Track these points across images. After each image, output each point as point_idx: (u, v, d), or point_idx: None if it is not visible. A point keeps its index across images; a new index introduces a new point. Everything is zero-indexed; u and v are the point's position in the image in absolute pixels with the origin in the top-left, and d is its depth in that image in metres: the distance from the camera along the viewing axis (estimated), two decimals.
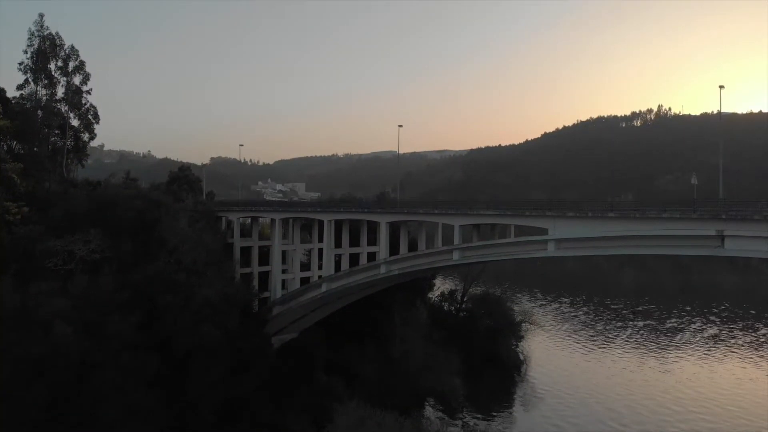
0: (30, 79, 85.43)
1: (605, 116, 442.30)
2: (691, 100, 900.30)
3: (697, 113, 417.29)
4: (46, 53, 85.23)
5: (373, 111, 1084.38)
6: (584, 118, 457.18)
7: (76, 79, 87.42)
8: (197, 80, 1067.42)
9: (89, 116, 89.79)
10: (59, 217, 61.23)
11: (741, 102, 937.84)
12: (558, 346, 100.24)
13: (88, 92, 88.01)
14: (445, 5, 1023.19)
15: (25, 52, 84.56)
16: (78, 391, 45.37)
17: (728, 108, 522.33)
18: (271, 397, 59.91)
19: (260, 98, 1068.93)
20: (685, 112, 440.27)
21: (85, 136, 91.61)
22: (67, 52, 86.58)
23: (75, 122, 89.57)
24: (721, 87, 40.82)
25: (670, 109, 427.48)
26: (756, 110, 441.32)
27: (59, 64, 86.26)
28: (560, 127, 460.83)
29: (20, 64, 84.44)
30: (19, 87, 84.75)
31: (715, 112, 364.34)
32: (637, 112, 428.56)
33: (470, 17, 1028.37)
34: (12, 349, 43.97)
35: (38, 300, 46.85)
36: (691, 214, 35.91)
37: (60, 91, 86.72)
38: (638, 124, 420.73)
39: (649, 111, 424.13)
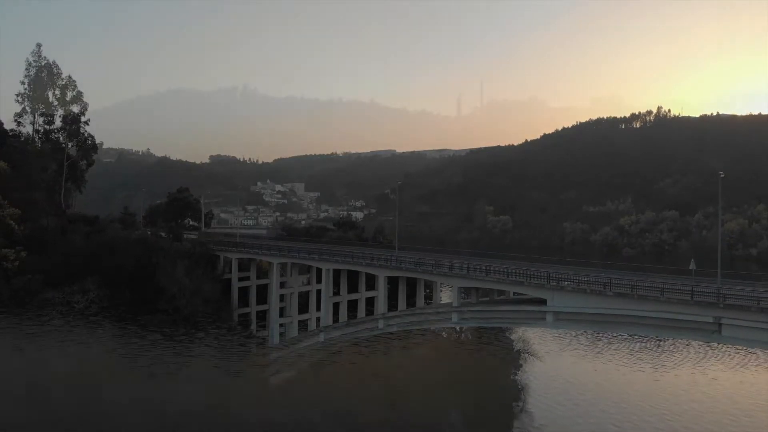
0: (27, 109, 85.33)
1: (604, 117, 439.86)
2: (690, 101, 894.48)
3: (697, 115, 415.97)
4: (44, 83, 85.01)
5: (373, 109, 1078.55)
6: (583, 120, 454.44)
7: (74, 108, 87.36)
8: (196, 78, 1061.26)
9: (87, 145, 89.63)
10: (57, 263, 61.15)
11: (740, 103, 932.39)
12: (557, 371, 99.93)
13: (86, 123, 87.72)
14: (445, 5, 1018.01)
15: (23, 82, 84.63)
16: None
17: (727, 110, 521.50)
18: None
19: (259, 96, 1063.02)
20: (685, 114, 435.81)
21: (83, 164, 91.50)
22: (64, 81, 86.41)
23: (73, 150, 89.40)
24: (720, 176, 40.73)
25: (669, 110, 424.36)
26: (756, 112, 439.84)
27: (57, 93, 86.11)
28: (559, 128, 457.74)
29: (18, 94, 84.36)
30: (17, 116, 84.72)
31: (715, 114, 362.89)
32: (637, 113, 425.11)
33: (470, 17, 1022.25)
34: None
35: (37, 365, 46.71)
36: (689, 300, 36.00)
37: (57, 121, 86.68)
38: (637, 125, 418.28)
39: (649, 113, 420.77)
